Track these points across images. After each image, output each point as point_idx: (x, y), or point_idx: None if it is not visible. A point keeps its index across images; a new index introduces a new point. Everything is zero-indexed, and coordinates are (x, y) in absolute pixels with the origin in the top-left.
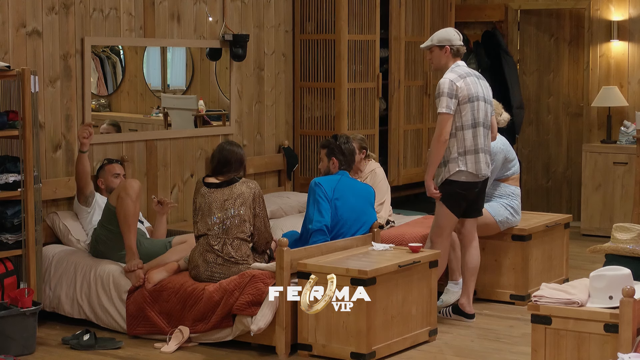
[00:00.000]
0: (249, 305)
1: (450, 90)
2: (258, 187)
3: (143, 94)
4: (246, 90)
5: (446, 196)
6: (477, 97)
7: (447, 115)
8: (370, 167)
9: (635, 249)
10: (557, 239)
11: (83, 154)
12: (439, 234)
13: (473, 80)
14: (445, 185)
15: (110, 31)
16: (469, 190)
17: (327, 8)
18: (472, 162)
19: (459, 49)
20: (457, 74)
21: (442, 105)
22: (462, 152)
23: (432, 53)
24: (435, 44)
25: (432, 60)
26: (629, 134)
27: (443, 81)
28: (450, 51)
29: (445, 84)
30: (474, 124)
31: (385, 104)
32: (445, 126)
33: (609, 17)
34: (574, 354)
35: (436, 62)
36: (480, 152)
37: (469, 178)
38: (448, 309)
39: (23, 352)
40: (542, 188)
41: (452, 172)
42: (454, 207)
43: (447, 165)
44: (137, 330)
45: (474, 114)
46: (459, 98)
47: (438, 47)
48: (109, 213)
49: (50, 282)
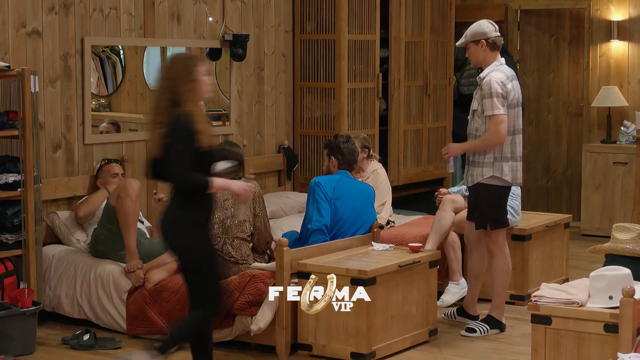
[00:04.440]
0: (249, 305)
1: (503, 92)
2: (258, 187)
3: (143, 94)
4: (246, 90)
5: (488, 204)
6: (519, 103)
7: (503, 116)
8: (373, 167)
9: (635, 249)
10: (557, 239)
11: (107, 193)
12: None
13: (517, 84)
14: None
15: (110, 31)
16: (502, 195)
17: (327, 8)
18: (508, 170)
19: (495, 40)
20: (505, 75)
21: (497, 107)
22: (499, 158)
23: (469, 50)
24: (470, 40)
25: (470, 56)
26: (629, 134)
27: (493, 82)
28: (487, 45)
29: (497, 85)
30: (513, 131)
31: (385, 104)
32: (503, 127)
33: (609, 17)
34: (574, 354)
35: (474, 58)
36: (518, 160)
37: (502, 183)
38: (452, 312)
39: (23, 352)
40: (542, 188)
41: (485, 176)
42: (501, 216)
43: (482, 168)
44: (137, 330)
45: (514, 120)
46: (507, 101)
47: (474, 43)
48: (109, 213)
49: (50, 282)
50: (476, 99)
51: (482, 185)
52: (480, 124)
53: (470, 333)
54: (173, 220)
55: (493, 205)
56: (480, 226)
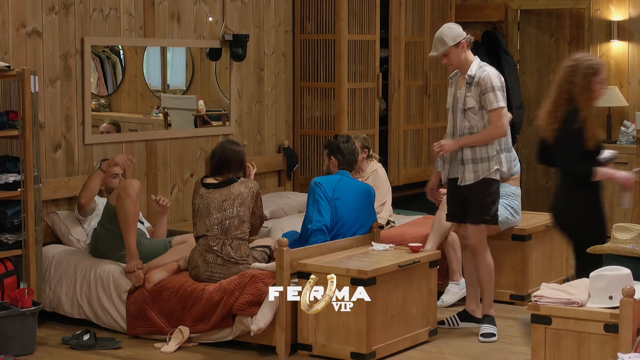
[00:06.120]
0: (249, 305)
1: (501, 84)
2: (257, 186)
3: (143, 94)
4: (246, 90)
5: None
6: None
7: (505, 109)
8: (372, 167)
9: (635, 249)
10: (557, 239)
11: (102, 172)
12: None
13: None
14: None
15: (110, 31)
16: (499, 188)
17: (327, 8)
18: (506, 161)
19: (470, 38)
20: (494, 68)
21: (499, 99)
22: (500, 150)
23: (450, 55)
24: (452, 45)
25: (451, 61)
26: (629, 134)
27: (493, 76)
28: (466, 44)
29: (496, 78)
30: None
31: (385, 104)
32: (506, 120)
33: (609, 17)
34: (574, 354)
35: (456, 61)
36: (511, 151)
37: (501, 176)
38: (455, 319)
39: (23, 352)
40: (542, 188)
41: (491, 170)
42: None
43: (488, 162)
44: (137, 330)
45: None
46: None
47: (455, 47)
48: (109, 213)
49: (50, 282)
50: (471, 97)
51: (487, 180)
52: (477, 121)
53: (489, 338)
54: (564, 201)
55: (495, 199)
56: (478, 222)
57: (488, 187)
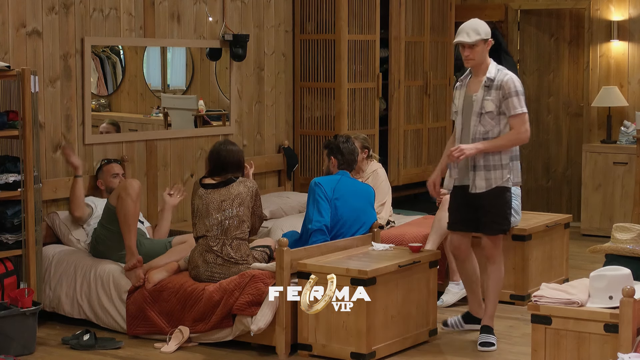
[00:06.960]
0: (249, 305)
1: (523, 89)
2: (256, 186)
3: (143, 94)
4: (246, 90)
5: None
6: None
7: (527, 115)
8: (372, 167)
9: (635, 249)
10: (557, 239)
11: (78, 178)
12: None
13: None
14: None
15: (110, 31)
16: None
17: (327, 8)
18: (516, 170)
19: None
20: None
21: (522, 105)
22: (512, 158)
23: (476, 48)
24: (484, 38)
25: (474, 55)
26: (629, 134)
27: (516, 80)
28: (490, 44)
29: (518, 82)
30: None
31: (385, 104)
32: (528, 125)
33: (609, 17)
34: (574, 354)
35: (479, 56)
36: (519, 159)
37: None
38: (459, 321)
39: (23, 352)
40: (542, 188)
41: (504, 178)
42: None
43: (502, 170)
44: (137, 330)
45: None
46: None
47: (483, 42)
48: (109, 213)
49: (50, 282)
50: (490, 100)
51: (501, 189)
52: (493, 126)
53: (488, 347)
54: None
55: (509, 207)
56: (495, 232)
57: (502, 196)
